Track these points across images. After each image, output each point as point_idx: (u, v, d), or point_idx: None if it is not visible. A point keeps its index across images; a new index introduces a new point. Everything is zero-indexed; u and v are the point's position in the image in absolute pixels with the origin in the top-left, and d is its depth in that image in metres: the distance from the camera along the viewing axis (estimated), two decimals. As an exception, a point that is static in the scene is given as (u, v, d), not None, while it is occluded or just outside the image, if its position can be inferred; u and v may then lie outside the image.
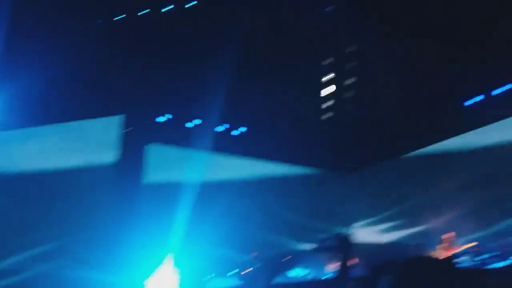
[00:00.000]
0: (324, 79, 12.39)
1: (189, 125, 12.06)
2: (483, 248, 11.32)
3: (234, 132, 12.91)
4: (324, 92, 12.72)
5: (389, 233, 14.20)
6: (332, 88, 12.60)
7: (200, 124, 11.92)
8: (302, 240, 14.86)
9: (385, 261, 7.32)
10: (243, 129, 13.01)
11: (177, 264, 9.08)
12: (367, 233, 14.48)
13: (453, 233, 11.86)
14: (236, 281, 10.77)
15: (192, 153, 11.62)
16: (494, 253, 10.82)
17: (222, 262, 12.45)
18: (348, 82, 12.43)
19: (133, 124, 11.10)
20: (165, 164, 11.88)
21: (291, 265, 13.60)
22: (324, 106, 13.08)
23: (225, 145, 12.41)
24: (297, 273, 13.24)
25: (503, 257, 10.56)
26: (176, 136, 12.05)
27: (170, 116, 11.94)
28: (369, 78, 12.26)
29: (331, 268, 11.71)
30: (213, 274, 11.17)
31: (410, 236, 13.80)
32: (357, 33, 11.01)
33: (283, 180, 14.77)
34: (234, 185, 13.60)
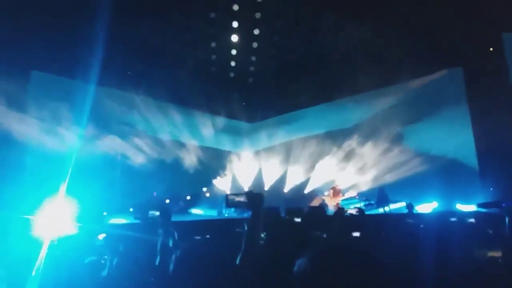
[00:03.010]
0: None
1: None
2: (362, 197, 13.06)
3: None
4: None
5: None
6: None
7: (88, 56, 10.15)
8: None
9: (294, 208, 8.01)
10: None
11: (74, 197, 8.59)
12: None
13: (339, 185, 13.43)
14: (134, 217, 10.76)
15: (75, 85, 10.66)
16: (370, 202, 12.56)
17: (120, 199, 12.30)
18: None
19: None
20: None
21: (192, 204, 14.06)
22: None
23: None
24: (199, 211, 13.81)
25: (377, 206, 12.34)
26: (60, 66, 10.64)
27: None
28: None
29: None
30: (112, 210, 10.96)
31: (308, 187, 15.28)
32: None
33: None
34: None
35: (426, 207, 11.17)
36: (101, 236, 4.66)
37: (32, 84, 10.49)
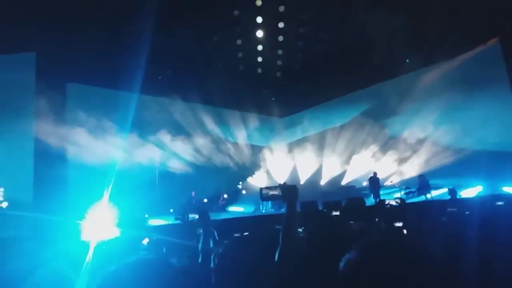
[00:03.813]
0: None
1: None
2: (402, 186, 12.70)
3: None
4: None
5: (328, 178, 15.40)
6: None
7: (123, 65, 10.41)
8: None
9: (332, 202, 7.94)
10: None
11: (118, 203, 8.90)
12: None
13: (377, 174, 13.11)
14: (174, 218, 11.01)
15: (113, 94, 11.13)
16: (411, 190, 12.21)
17: (161, 201, 12.60)
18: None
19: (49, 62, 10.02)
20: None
21: (229, 202, 14.22)
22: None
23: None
24: (237, 209, 13.95)
25: (418, 193, 11.98)
26: (96, 77, 11.04)
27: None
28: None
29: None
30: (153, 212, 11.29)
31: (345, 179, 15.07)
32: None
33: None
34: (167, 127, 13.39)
35: (470, 191, 10.73)
36: (145, 241, 4.80)
37: (71, 96, 10.91)
